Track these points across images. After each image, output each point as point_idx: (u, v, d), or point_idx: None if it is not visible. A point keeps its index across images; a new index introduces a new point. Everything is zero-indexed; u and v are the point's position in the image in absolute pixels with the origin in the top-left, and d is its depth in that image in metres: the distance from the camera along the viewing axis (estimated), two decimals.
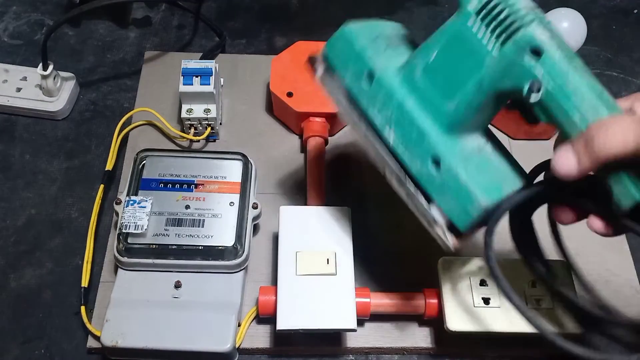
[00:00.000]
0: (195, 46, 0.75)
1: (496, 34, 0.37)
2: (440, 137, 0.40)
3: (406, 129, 0.41)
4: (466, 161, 0.40)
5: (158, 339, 0.49)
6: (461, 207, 0.40)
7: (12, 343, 0.53)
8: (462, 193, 0.39)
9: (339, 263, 0.51)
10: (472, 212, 0.39)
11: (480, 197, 0.39)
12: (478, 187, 0.39)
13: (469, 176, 0.39)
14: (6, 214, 0.60)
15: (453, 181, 0.39)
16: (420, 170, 0.41)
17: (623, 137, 0.33)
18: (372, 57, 0.42)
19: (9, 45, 0.73)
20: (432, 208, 0.41)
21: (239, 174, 0.57)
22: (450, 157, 0.40)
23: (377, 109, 0.42)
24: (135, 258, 0.52)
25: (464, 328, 0.50)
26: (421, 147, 0.40)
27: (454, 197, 0.40)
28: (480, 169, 0.41)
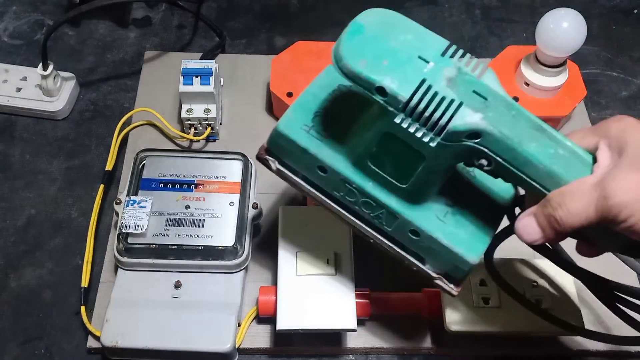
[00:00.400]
0: (195, 46, 0.75)
1: (428, 128, 0.35)
2: (409, 210, 0.41)
3: (375, 209, 0.42)
4: (444, 223, 0.41)
5: (158, 339, 0.49)
6: (452, 265, 0.41)
7: (12, 343, 0.53)
8: (449, 254, 0.41)
9: (339, 263, 0.51)
10: (464, 267, 0.41)
11: (466, 256, 0.40)
12: (462, 246, 0.40)
13: (449, 239, 0.40)
14: (6, 214, 0.60)
15: (437, 246, 0.41)
16: (403, 238, 0.42)
17: (584, 208, 0.33)
18: (317, 151, 0.41)
19: (9, 45, 0.74)
20: (425, 266, 0.43)
21: (239, 174, 0.57)
22: (427, 226, 0.40)
23: (343, 194, 0.42)
24: (135, 258, 0.52)
25: (464, 328, 0.50)
26: (396, 223, 0.41)
27: (443, 257, 0.41)
28: (459, 224, 0.41)
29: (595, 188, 0.33)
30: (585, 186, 0.33)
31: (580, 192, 0.33)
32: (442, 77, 0.35)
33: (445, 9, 0.81)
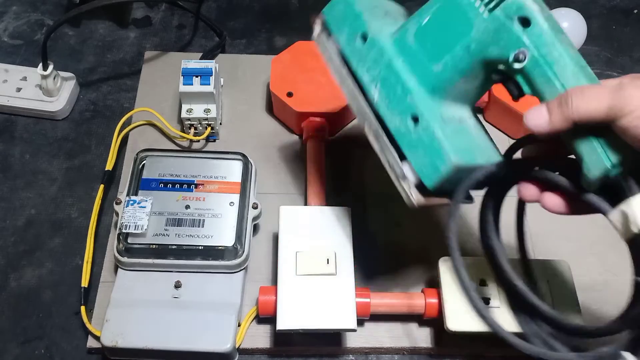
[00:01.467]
0: (195, 46, 0.75)
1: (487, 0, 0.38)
2: (424, 96, 0.42)
3: (392, 86, 0.42)
4: (444, 123, 0.41)
5: (158, 339, 0.49)
6: (431, 164, 0.41)
7: (12, 343, 0.53)
8: (434, 150, 0.40)
9: (339, 263, 0.51)
10: (442, 169, 0.40)
11: (452, 155, 0.40)
12: (451, 146, 0.40)
13: (444, 135, 0.40)
14: (6, 214, 0.60)
15: (428, 138, 0.40)
16: (398, 127, 0.42)
17: (597, 100, 0.35)
18: (369, 20, 0.44)
19: (9, 45, 0.74)
20: (403, 164, 0.43)
21: (239, 174, 0.57)
22: (429, 115, 0.41)
23: (367, 68, 0.44)
24: (135, 258, 0.52)
25: (464, 328, 0.50)
26: (403, 104, 0.42)
27: (427, 153, 0.41)
28: (458, 134, 0.42)
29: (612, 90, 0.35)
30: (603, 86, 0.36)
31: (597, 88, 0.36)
32: None
33: None
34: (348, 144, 0.66)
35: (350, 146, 0.66)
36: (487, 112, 0.68)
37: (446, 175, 0.40)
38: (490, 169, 0.42)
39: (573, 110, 0.36)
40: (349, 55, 0.45)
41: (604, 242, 0.60)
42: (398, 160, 0.43)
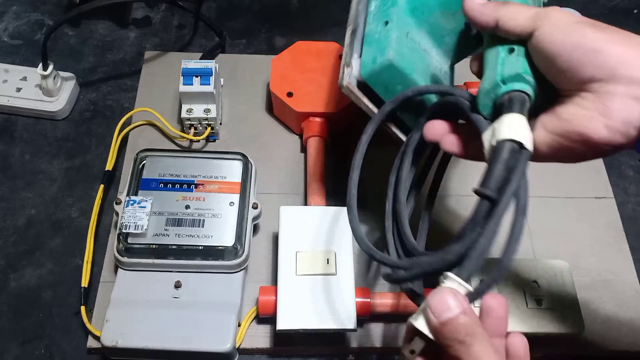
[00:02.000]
0: (195, 46, 0.75)
1: None
2: (403, 10, 0.46)
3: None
4: (405, 37, 0.45)
5: (158, 339, 0.49)
6: (372, 57, 0.45)
7: (12, 343, 0.53)
8: (381, 46, 0.44)
9: (339, 263, 0.51)
10: (378, 60, 0.44)
11: (391, 52, 0.43)
12: (397, 50, 0.44)
13: (397, 41, 0.44)
14: (6, 214, 0.60)
15: (384, 38, 0.45)
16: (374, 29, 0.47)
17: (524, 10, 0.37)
18: None
19: (9, 45, 0.74)
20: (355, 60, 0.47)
21: (239, 174, 0.57)
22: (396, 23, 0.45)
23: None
24: (135, 258, 0.52)
25: None
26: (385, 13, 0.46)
27: (375, 48, 0.45)
28: (412, 52, 0.45)
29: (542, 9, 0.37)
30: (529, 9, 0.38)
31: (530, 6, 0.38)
32: None
33: None
34: (348, 144, 0.66)
35: (350, 146, 0.66)
36: None
37: (379, 68, 0.44)
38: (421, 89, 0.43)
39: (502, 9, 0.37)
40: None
41: (604, 242, 0.61)
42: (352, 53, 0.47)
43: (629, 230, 0.62)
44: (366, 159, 0.65)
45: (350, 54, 0.48)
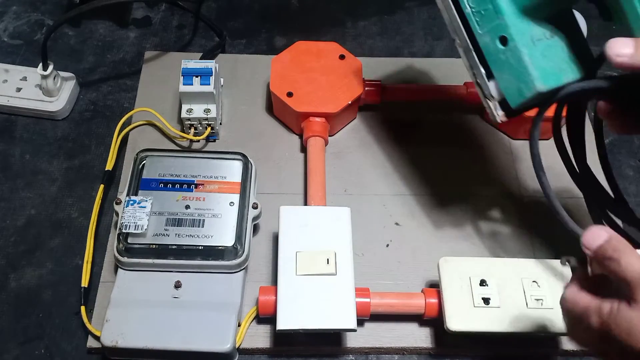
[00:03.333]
0: (195, 46, 0.75)
1: None
2: (514, 16, 0.41)
3: (483, 3, 0.42)
4: (533, 45, 0.41)
5: (158, 339, 0.49)
6: (516, 87, 0.42)
7: (12, 343, 0.53)
8: (521, 74, 0.41)
9: (339, 263, 0.51)
10: (526, 93, 0.42)
11: (537, 81, 0.41)
12: (538, 71, 0.41)
13: (531, 59, 0.41)
14: (6, 214, 0.60)
15: (515, 61, 0.41)
16: (487, 44, 0.43)
17: None
18: None
19: (9, 45, 0.74)
20: (490, 82, 0.44)
21: (239, 174, 0.57)
22: (518, 38, 0.41)
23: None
24: (135, 258, 0.52)
25: (464, 328, 0.50)
26: (493, 23, 0.42)
27: (513, 75, 0.42)
28: (545, 55, 0.42)
29: None
30: None
31: None
32: None
33: None
34: (348, 144, 0.66)
35: (350, 146, 0.66)
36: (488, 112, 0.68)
37: (529, 99, 0.42)
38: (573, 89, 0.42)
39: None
40: None
41: None
42: (486, 79, 0.44)
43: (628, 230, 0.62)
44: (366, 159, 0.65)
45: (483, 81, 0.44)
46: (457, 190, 0.63)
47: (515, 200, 0.62)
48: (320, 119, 0.63)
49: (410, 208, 0.62)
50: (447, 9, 0.45)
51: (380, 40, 0.77)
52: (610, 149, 0.69)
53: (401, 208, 0.62)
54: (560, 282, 0.52)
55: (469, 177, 0.64)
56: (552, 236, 0.60)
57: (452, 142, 0.66)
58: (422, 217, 0.61)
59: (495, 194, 0.63)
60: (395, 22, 0.79)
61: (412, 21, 0.79)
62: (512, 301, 0.50)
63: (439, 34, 0.78)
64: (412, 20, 0.79)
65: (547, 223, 0.61)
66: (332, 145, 0.66)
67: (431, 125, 0.68)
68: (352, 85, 0.64)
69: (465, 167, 0.65)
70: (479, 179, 0.64)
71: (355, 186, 0.63)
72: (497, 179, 0.63)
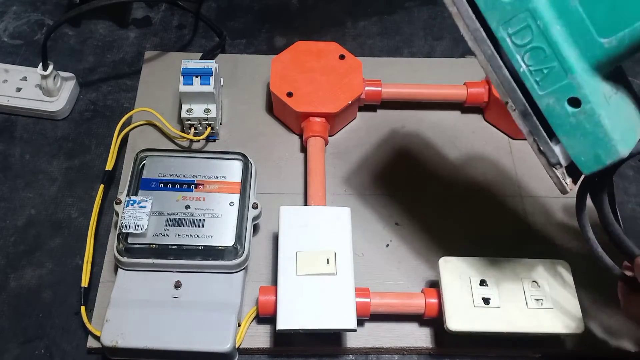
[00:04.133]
0: (195, 46, 0.75)
1: None
2: (587, 75, 0.35)
3: (546, 60, 0.36)
4: (608, 105, 0.36)
5: (158, 339, 0.49)
6: (593, 153, 0.37)
7: (12, 343, 0.53)
8: (598, 139, 0.36)
9: (339, 263, 0.51)
10: (606, 160, 0.37)
11: (619, 146, 0.36)
12: (617, 134, 0.36)
13: (610, 123, 0.36)
14: (6, 214, 0.60)
15: (591, 125, 0.36)
16: (552, 107, 0.37)
17: None
18: None
19: (9, 45, 0.74)
20: (556, 148, 0.39)
21: (239, 174, 0.57)
22: (594, 99, 0.35)
23: (512, 32, 0.36)
24: (135, 258, 0.52)
25: (464, 328, 0.50)
26: (560, 83, 0.36)
27: (588, 141, 0.37)
28: (618, 111, 0.37)
29: None
30: None
31: None
32: None
33: (445, 9, 0.81)
34: (348, 144, 0.66)
35: (350, 146, 0.66)
36: (488, 112, 0.68)
37: (609, 164, 0.37)
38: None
39: None
40: (486, 11, 0.36)
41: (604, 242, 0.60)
42: (552, 147, 0.39)
43: (629, 230, 0.62)
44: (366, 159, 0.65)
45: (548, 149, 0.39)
46: (457, 190, 0.63)
47: (515, 200, 0.62)
48: (320, 119, 0.63)
49: (410, 208, 0.62)
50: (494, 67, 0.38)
51: (380, 40, 0.77)
52: None
53: (401, 208, 0.62)
54: (560, 282, 0.52)
55: (469, 177, 0.64)
56: (552, 236, 0.60)
57: (452, 142, 0.66)
58: (422, 217, 0.61)
59: (495, 194, 0.63)
60: (395, 22, 0.79)
61: (412, 21, 0.79)
62: (512, 301, 0.50)
63: (439, 34, 0.78)
64: (412, 20, 0.79)
65: (546, 223, 0.61)
66: (332, 145, 0.66)
67: (431, 125, 0.68)
68: (352, 85, 0.64)
69: (465, 167, 0.65)
70: (479, 178, 0.64)
71: (355, 186, 0.63)
72: (497, 179, 0.63)
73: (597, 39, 0.34)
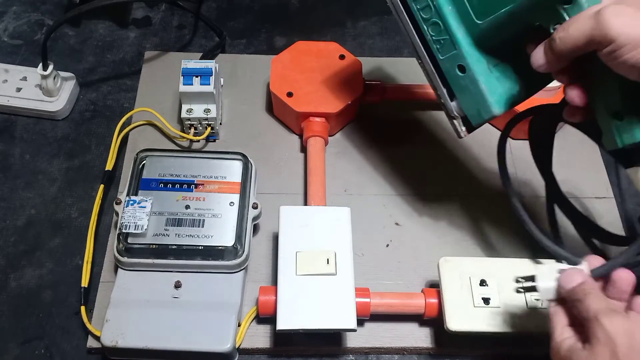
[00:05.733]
0: (195, 46, 0.75)
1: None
2: (470, 47, 0.44)
3: (441, 32, 0.45)
4: (489, 72, 0.45)
5: (158, 339, 0.49)
6: (476, 110, 0.46)
7: (12, 343, 0.53)
8: (479, 99, 0.45)
9: (339, 263, 0.51)
10: (485, 116, 0.46)
11: (493, 107, 0.45)
12: (494, 97, 0.45)
13: (488, 86, 0.45)
14: (6, 214, 0.60)
15: (474, 87, 0.45)
16: (448, 70, 0.46)
17: (579, 30, 0.37)
18: None
19: (9, 45, 0.74)
20: (453, 102, 0.48)
21: (239, 174, 0.57)
22: (475, 67, 0.44)
23: (419, 7, 0.46)
24: (135, 258, 0.52)
25: (464, 328, 0.50)
26: (452, 52, 0.45)
27: (473, 100, 0.46)
28: (500, 80, 0.45)
29: (593, 15, 0.37)
30: (586, 14, 0.37)
31: (580, 18, 0.38)
32: None
33: None
34: (348, 144, 0.66)
35: (350, 146, 0.66)
36: None
37: (489, 118, 0.46)
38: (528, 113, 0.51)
39: (558, 45, 0.39)
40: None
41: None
42: (449, 100, 0.48)
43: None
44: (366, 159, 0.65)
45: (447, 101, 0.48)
46: (457, 190, 0.63)
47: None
48: (320, 119, 0.63)
49: (410, 208, 0.62)
50: (410, 36, 0.48)
51: (380, 40, 0.77)
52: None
53: (401, 208, 0.62)
54: None
55: (469, 177, 0.64)
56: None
57: (452, 142, 0.66)
58: (422, 217, 0.61)
59: (495, 194, 0.63)
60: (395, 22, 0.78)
61: None
62: (512, 301, 0.50)
63: None
64: None
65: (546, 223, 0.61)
66: (332, 145, 0.66)
67: (431, 125, 0.68)
68: (352, 85, 0.64)
69: (465, 167, 0.65)
70: (479, 178, 0.64)
71: (355, 186, 0.63)
72: (497, 179, 0.63)
73: (475, 20, 0.43)
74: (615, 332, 0.36)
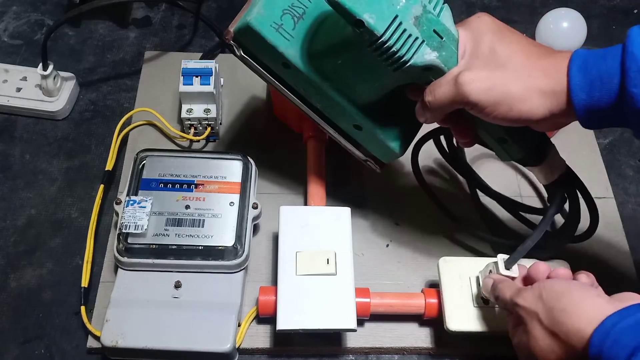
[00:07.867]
0: (195, 46, 0.75)
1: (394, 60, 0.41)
2: (356, 110, 0.49)
3: (329, 105, 0.50)
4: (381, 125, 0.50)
5: (158, 339, 0.49)
6: (382, 153, 0.53)
7: (12, 343, 0.53)
8: (382, 146, 0.51)
9: (339, 263, 0.51)
10: (391, 158, 0.53)
11: (396, 150, 0.51)
12: (393, 142, 0.51)
13: (385, 136, 0.50)
14: (6, 214, 0.60)
15: (374, 138, 0.51)
16: (346, 128, 0.52)
17: (444, 94, 0.42)
18: (284, 50, 0.46)
19: (9, 45, 0.73)
20: (359, 153, 0.54)
21: (239, 174, 0.57)
22: (368, 124, 0.50)
23: (302, 88, 0.49)
24: (135, 258, 0.52)
25: (464, 328, 0.50)
26: (344, 116, 0.50)
27: (377, 147, 0.52)
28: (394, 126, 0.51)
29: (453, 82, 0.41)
30: (446, 80, 0.42)
31: (443, 83, 0.42)
32: (410, 15, 0.40)
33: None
34: None
35: None
36: None
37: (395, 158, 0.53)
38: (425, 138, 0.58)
39: (432, 107, 0.43)
40: (281, 76, 0.49)
41: (604, 242, 0.61)
42: (356, 150, 0.54)
43: (629, 230, 0.62)
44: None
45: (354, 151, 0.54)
46: (457, 190, 0.63)
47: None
48: None
49: (410, 208, 0.62)
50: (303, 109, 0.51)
51: None
52: (610, 149, 0.69)
53: (401, 208, 0.62)
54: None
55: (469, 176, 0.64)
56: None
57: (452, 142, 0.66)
58: (422, 217, 0.61)
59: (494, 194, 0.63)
60: None
61: None
62: None
63: None
64: None
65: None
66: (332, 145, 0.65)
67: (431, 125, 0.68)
68: None
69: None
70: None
71: (354, 186, 0.63)
72: (497, 179, 0.63)
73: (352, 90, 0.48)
74: (529, 302, 0.41)
